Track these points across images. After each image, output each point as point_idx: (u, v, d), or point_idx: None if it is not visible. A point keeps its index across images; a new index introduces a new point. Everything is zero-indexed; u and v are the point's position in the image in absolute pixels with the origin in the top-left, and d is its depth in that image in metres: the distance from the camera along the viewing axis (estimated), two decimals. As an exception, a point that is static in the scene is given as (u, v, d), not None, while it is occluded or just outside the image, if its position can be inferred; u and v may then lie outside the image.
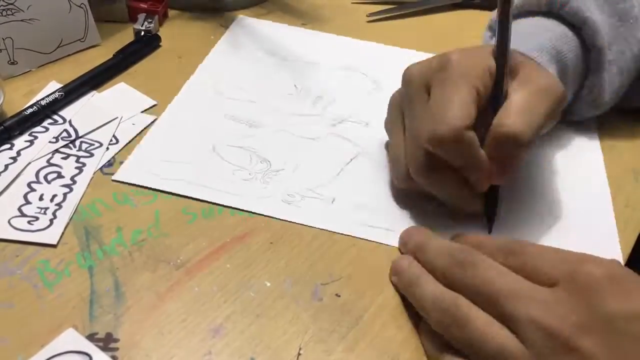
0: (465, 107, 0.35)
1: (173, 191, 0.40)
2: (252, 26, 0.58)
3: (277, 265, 0.37)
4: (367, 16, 0.61)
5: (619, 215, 0.42)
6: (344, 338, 0.33)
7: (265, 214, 0.39)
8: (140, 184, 0.40)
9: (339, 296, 0.35)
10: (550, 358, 0.27)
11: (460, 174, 0.38)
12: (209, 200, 0.40)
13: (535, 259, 0.30)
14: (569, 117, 0.48)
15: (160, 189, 0.40)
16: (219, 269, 0.36)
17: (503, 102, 0.36)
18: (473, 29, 0.61)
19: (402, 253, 0.38)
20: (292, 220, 0.39)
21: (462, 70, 0.36)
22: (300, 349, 0.33)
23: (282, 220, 0.39)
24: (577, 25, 0.43)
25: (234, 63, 0.53)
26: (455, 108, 0.35)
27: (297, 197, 0.41)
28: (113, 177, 0.41)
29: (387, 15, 0.61)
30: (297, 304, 0.35)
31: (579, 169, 0.46)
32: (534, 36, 0.42)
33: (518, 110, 0.35)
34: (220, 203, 0.40)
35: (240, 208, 0.40)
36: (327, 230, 0.39)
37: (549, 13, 0.44)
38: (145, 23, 0.53)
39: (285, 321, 0.34)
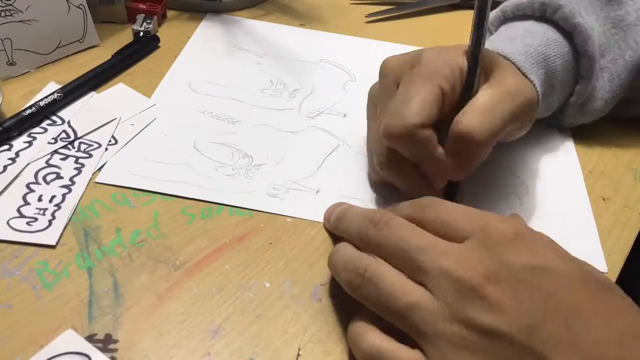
0: (423, 106, 0.35)
1: (157, 190, 0.40)
2: (223, 23, 0.57)
3: (277, 266, 0.37)
4: (365, 16, 0.61)
5: (619, 215, 0.42)
6: (343, 338, 0.33)
7: (250, 208, 0.40)
8: (123, 185, 0.40)
9: (338, 296, 0.35)
10: (460, 306, 0.28)
11: (419, 168, 0.38)
12: (193, 197, 0.40)
13: (446, 215, 0.32)
14: (557, 123, 0.48)
15: (144, 188, 0.40)
16: (218, 269, 0.36)
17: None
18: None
19: (327, 230, 0.39)
20: (278, 213, 0.40)
21: (430, 69, 0.37)
22: (299, 349, 0.33)
23: (270, 213, 0.40)
24: (569, 31, 0.43)
25: (207, 60, 0.52)
26: (412, 106, 0.36)
27: (282, 189, 0.41)
28: (96, 180, 0.40)
29: (386, 15, 0.61)
30: (296, 304, 0.35)
31: (552, 166, 0.46)
32: (521, 40, 0.42)
33: (478, 110, 0.35)
34: (205, 199, 0.40)
35: (225, 203, 0.40)
36: (316, 221, 0.39)
37: (542, 18, 0.44)
38: (144, 24, 0.53)
39: (284, 322, 0.34)
